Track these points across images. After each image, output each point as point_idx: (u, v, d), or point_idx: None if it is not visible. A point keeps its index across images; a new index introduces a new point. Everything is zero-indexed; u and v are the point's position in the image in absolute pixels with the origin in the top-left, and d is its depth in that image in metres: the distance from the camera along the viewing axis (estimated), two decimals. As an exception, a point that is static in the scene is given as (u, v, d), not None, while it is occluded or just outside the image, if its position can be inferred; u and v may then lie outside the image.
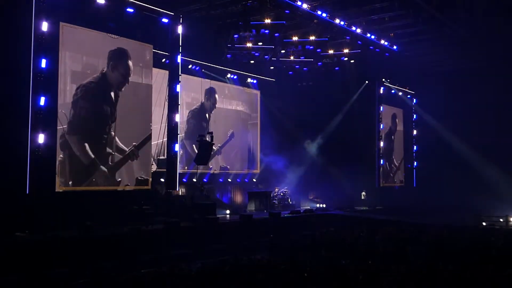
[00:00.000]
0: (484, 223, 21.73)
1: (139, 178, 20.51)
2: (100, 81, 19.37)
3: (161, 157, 22.26)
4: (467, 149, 30.81)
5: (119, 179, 19.75)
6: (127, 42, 20.29)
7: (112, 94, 19.77)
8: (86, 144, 18.73)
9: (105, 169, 19.27)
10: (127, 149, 20.14)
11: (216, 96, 27.13)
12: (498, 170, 28.74)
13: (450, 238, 15.47)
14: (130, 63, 20.35)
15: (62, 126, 17.95)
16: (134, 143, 20.39)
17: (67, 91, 18.41)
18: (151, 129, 21.21)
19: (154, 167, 21.91)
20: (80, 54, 18.91)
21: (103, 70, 19.45)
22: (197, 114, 26.06)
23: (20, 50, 16.23)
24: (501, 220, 22.01)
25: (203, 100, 26.33)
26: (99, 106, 19.38)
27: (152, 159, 21.55)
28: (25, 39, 16.20)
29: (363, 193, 29.45)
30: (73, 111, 18.41)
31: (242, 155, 28.85)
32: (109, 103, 19.67)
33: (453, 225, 19.55)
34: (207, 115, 26.60)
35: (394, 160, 34.28)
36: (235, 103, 28.67)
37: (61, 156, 17.97)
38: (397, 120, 34.83)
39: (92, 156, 18.85)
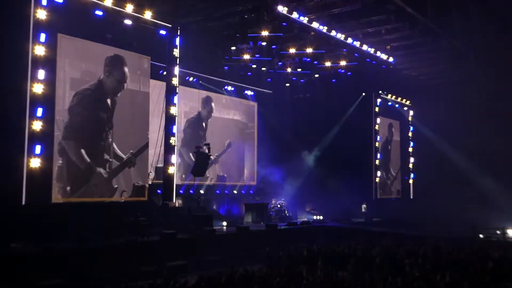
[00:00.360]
0: (481, 235, 21.70)
1: (136, 184, 20.54)
2: (97, 88, 19.44)
3: (159, 165, 22.22)
4: (463, 161, 30.87)
5: (116, 186, 19.77)
6: (125, 53, 20.37)
7: (109, 100, 19.87)
8: (83, 150, 18.79)
9: (103, 174, 19.30)
10: (124, 156, 20.18)
11: (213, 104, 27.21)
12: (495, 182, 28.75)
13: (447, 250, 15.45)
14: (126, 69, 20.41)
15: (59, 132, 18.03)
16: (131, 151, 20.44)
17: (66, 99, 18.52)
18: (149, 137, 21.25)
19: (152, 175, 21.89)
20: (79, 62, 19.01)
21: (100, 77, 19.56)
22: (194, 123, 26.15)
23: (18, 61, 16.24)
24: (498, 232, 21.95)
25: (200, 109, 26.40)
26: (96, 113, 19.46)
27: (150, 167, 21.48)
28: (23, 50, 16.23)
29: (364, 205, 29.42)
30: (69, 117, 18.49)
31: (239, 167, 28.86)
32: (106, 110, 19.75)
33: (450, 237, 19.53)
34: (203, 124, 26.66)
35: (392, 170, 34.33)
36: (233, 114, 28.75)
37: (59, 162, 18.04)
38: (393, 129, 34.91)
39: (89, 160, 18.91)
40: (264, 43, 23.42)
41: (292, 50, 25.18)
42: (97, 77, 19.48)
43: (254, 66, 26.23)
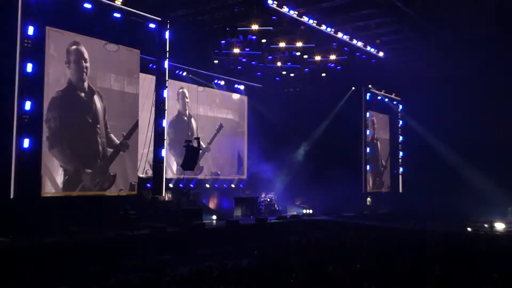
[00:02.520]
0: (469, 229, 21.86)
1: (133, 183, 20.69)
2: (68, 86, 18.94)
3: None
4: (453, 155, 31.08)
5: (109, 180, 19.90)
6: (114, 47, 20.28)
7: (83, 94, 19.47)
8: (68, 152, 18.70)
9: (92, 174, 19.25)
10: (117, 141, 20.33)
11: (187, 98, 26.58)
12: (484, 176, 28.96)
13: (435, 243, 15.55)
14: (83, 48, 19.48)
15: (47, 130, 17.92)
16: (123, 133, 20.59)
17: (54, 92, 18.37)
18: (138, 119, 21.28)
19: (150, 172, 21.88)
20: (67, 55, 18.80)
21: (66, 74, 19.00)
22: (176, 122, 25.83)
23: (6, 54, 16.14)
24: (486, 225, 22.14)
25: (178, 105, 26.13)
26: (74, 112, 19.19)
27: (140, 159, 21.37)
28: (11, 42, 16.11)
29: (368, 198, 29.60)
30: (48, 125, 18.12)
31: (229, 161, 28.85)
32: (84, 106, 19.50)
33: (439, 230, 19.65)
34: (185, 118, 26.39)
35: (382, 161, 34.56)
36: (222, 109, 28.69)
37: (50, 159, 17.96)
38: (382, 124, 35.09)
39: (76, 163, 18.86)
40: (254, 37, 23.38)
41: (282, 44, 25.15)
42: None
43: (244, 60, 26.17)
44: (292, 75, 29.15)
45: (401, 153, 36.24)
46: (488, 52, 26.78)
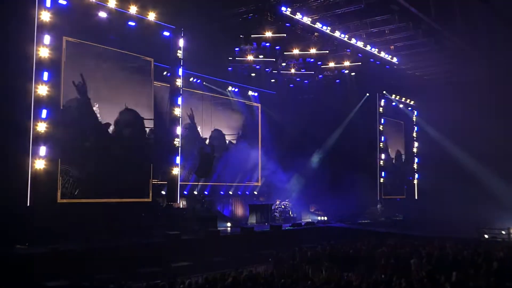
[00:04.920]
0: (486, 236, 21.64)
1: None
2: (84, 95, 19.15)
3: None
4: (468, 161, 30.78)
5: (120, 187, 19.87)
6: (129, 56, 20.40)
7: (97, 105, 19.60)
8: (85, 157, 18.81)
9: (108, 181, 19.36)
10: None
11: (202, 105, 26.62)
12: (500, 182, 28.65)
13: (452, 250, 15.40)
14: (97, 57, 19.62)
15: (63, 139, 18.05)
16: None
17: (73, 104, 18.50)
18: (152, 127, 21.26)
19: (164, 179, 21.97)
20: (83, 64, 18.95)
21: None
22: (193, 127, 25.92)
23: (23, 63, 16.30)
24: (503, 232, 21.91)
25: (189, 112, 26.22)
26: (84, 121, 19.22)
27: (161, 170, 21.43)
28: (28, 52, 16.29)
29: (379, 205, 29.44)
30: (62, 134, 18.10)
31: (243, 167, 28.76)
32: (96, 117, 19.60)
33: (455, 237, 19.46)
34: (200, 125, 26.36)
35: (397, 167, 34.37)
36: (236, 116, 28.68)
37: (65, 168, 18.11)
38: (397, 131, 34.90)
39: (92, 171, 18.94)
40: (267, 44, 23.45)
41: (296, 51, 25.22)
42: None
43: (257, 67, 26.23)
44: (306, 81, 29.13)
45: (416, 160, 35.98)
46: (504, 56, 26.55)
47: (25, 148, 16.12)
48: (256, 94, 29.74)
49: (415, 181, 35.78)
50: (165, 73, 22.61)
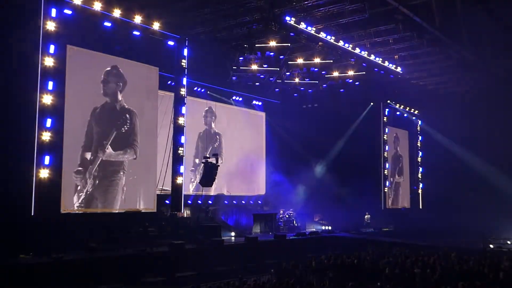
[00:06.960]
0: (491, 246, 21.51)
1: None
2: (106, 104, 19.58)
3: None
4: (473, 170, 30.67)
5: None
6: (133, 64, 20.45)
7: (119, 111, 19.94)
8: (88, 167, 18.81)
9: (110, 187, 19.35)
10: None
11: (215, 115, 27.07)
12: (506, 191, 28.50)
13: (457, 260, 15.31)
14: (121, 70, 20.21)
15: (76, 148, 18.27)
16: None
17: (77, 113, 18.60)
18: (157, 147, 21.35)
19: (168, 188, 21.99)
20: (87, 77, 19.05)
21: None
22: (204, 136, 26.08)
23: (28, 72, 16.37)
24: (509, 242, 21.78)
25: (204, 122, 26.42)
26: (102, 127, 19.56)
27: (159, 176, 21.42)
28: (33, 61, 16.35)
29: (367, 216, 29.31)
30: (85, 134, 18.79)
31: (247, 177, 28.73)
32: (114, 123, 19.78)
33: (460, 247, 19.36)
34: (209, 135, 26.59)
35: (401, 177, 34.26)
36: (240, 125, 28.68)
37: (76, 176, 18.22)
38: (402, 141, 34.80)
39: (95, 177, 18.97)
40: (272, 53, 23.50)
41: (300, 60, 25.25)
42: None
43: (262, 76, 26.26)
44: (310, 91, 29.13)
45: (420, 169, 35.88)
46: (508, 65, 26.53)
47: (29, 157, 16.13)
48: (260, 103, 29.78)
49: (420, 191, 35.64)
50: (169, 82, 22.66)
